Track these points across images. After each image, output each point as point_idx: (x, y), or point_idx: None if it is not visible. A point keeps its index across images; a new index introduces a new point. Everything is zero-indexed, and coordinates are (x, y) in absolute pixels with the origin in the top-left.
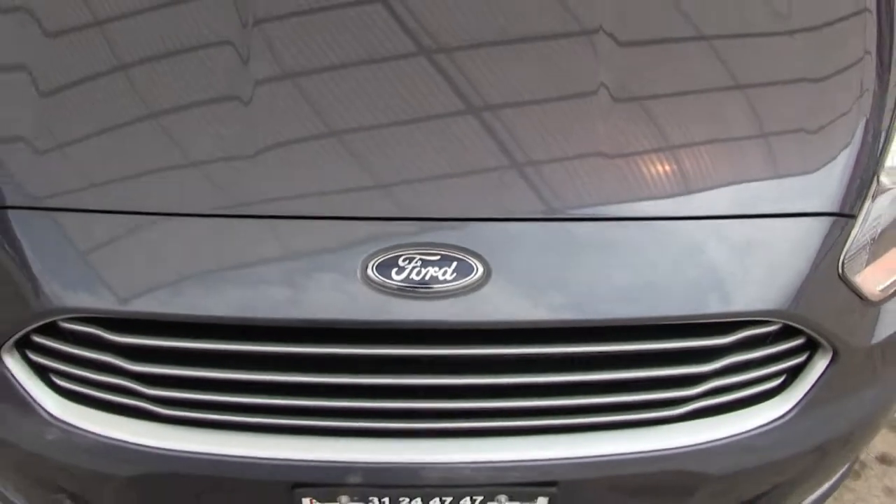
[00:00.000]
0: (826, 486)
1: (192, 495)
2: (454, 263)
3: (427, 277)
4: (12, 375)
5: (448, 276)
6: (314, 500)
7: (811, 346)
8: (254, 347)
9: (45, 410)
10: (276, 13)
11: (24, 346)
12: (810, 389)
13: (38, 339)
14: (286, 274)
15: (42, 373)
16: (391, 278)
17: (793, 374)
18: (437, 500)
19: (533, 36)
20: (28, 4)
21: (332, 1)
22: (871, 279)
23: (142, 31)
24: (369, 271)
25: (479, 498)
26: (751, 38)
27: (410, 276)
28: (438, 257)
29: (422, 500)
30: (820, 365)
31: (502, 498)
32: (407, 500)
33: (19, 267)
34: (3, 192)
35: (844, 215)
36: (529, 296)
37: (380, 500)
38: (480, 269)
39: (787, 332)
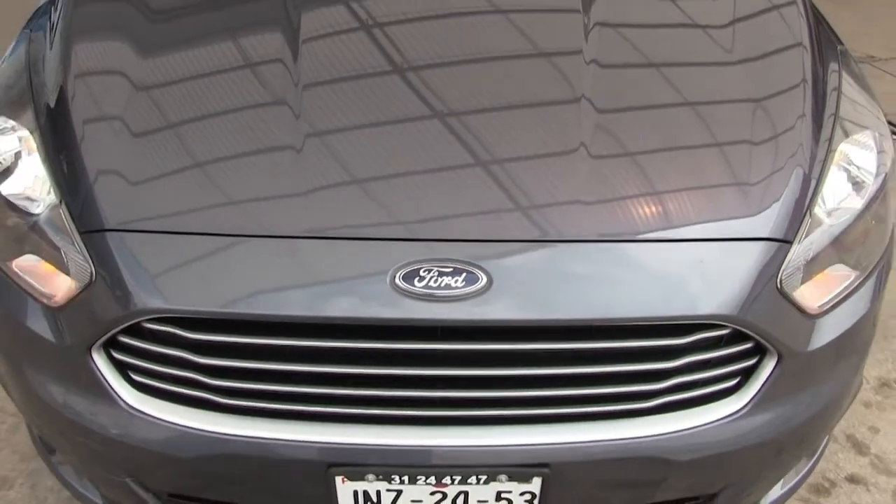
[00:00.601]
0: (787, 486)
1: (243, 475)
2: (463, 274)
3: (442, 285)
4: (99, 371)
5: (458, 284)
6: (346, 479)
7: (760, 351)
8: (303, 343)
9: (124, 401)
10: (319, 80)
11: (108, 345)
12: (760, 388)
13: (123, 338)
14: (332, 281)
15: (121, 369)
16: (414, 285)
17: (746, 376)
18: (447, 478)
19: (529, 103)
20: (124, 68)
21: (363, 71)
22: (809, 296)
23: (216, 88)
24: (397, 280)
25: (484, 477)
26: (708, 106)
27: (429, 284)
28: (451, 269)
29: (435, 478)
30: (768, 367)
31: (503, 477)
32: (423, 478)
33: (114, 278)
34: (102, 217)
35: (782, 241)
36: (522, 300)
37: (400, 478)
38: (484, 279)
39: (738, 337)
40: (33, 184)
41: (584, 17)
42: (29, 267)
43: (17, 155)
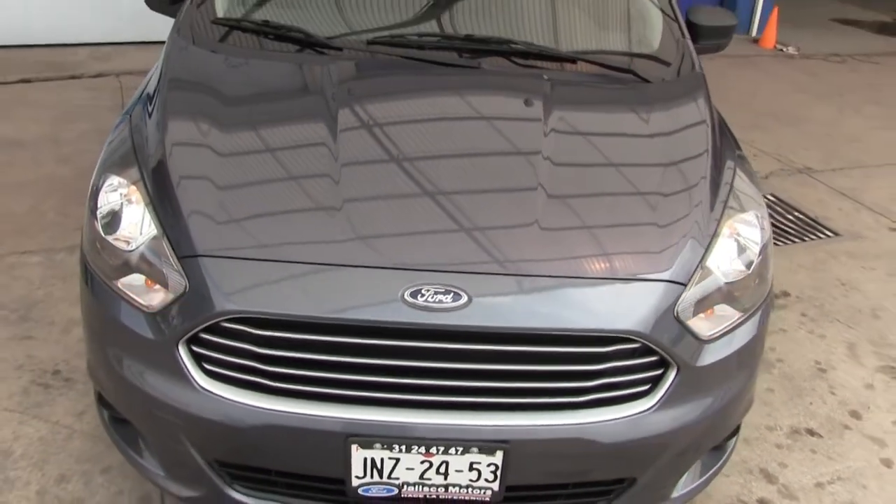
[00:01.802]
0: (695, 483)
1: (283, 441)
2: (451, 294)
3: (436, 301)
4: (182, 360)
5: (448, 300)
6: (359, 447)
7: (665, 365)
8: (336, 339)
9: (198, 384)
10: (352, 160)
11: (189, 342)
12: (665, 393)
13: (203, 335)
14: (360, 295)
15: (196, 360)
16: (417, 300)
17: (655, 383)
18: (434, 448)
19: (500, 188)
20: (207, 140)
21: (383, 157)
22: (701, 326)
23: (276, 159)
24: (405, 296)
25: (460, 448)
26: (632, 196)
27: (428, 300)
28: (443, 290)
29: (425, 448)
30: (670, 377)
31: (474, 450)
32: (415, 447)
33: (202, 289)
34: (196, 247)
35: (678, 283)
36: (492, 313)
37: (398, 448)
38: (465, 297)
39: (647, 352)
40: (129, 230)
41: (543, 126)
42: (133, 283)
43: (121, 206)
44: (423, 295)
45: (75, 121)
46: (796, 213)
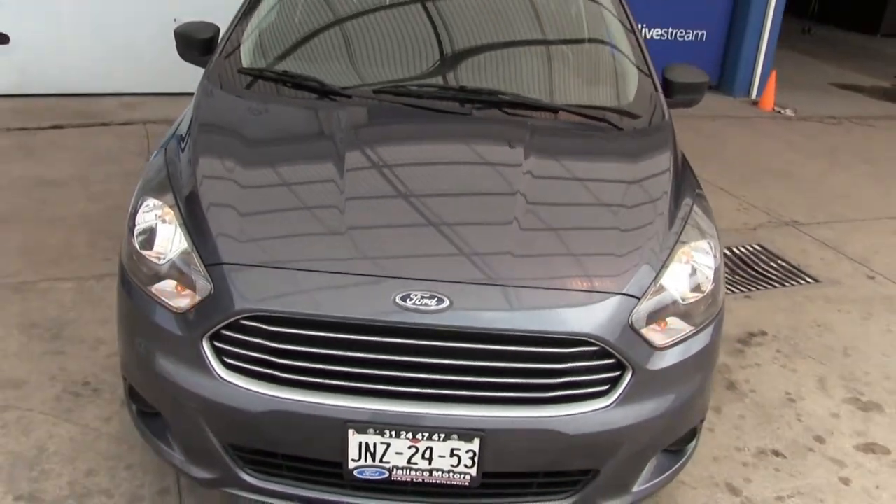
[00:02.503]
0: (656, 479)
1: (290, 425)
2: (435, 298)
3: (422, 304)
4: (205, 354)
5: (433, 304)
6: (355, 432)
7: (622, 367)
8: (337, 335)
9: (218, 375)
10: (356, 195)
11: (211, 338)
12: (622, 392)
13: (224, 331)
14: (359, 298)
15: (217, 354)
16: (406, 303)
17: (613, 383)
18: (420, 434)
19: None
20: (232, 174)
21: (384, 192)
22: (654, 335)
23: (290, 192)
24: (396, 300)
25: (442, 435)
26: (598, 206)
27: (416, 303)
28: (429, 294)
29: (412, 434)
30: (626, 378)
31: (455, 437)
32: (404, 433)
33: (225, 293)
34: (221, 257)
35: (632, 296)
36: (470, 315)
37: (389, 433)
38: (447, 301)
39: (605, 355)
40: (162, 245)
41: (522, 167)
42: (165, 288)
43: (156, 225)
44: (411, 299)
45: (104, 163)
46: (780, 262)
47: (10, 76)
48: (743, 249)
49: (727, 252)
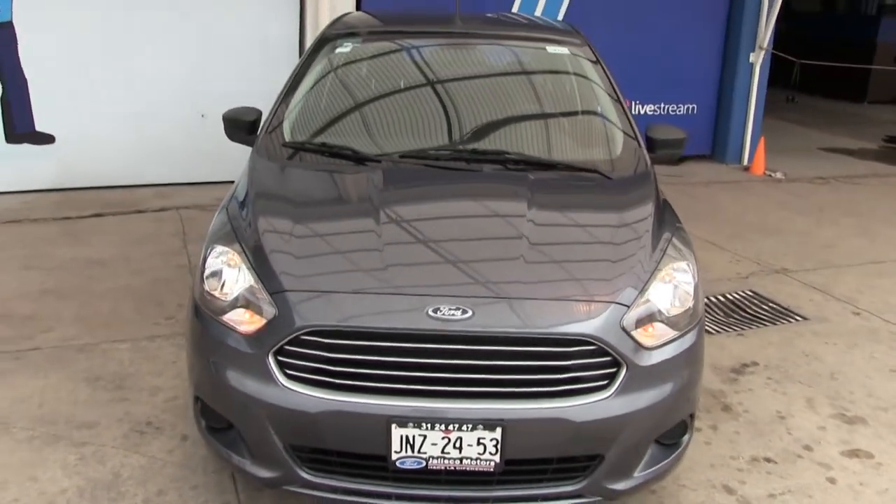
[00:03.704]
0: (655, 467)
1: (342, 422)
2: (460, 309)
3: (450, 314)
4: (271, 367)
5: (458, 314)
6: (397, 426)
7: (618, 364)
8: (381, 344)
9: (282, 384)
10: (391, 241)
11: (276, 353)
12: (618, 385)
13: (287, 346)
14: (399, 313)
15: (280, 366)
16: (436, 315)
17: (611, 378)
18: (451, 425)
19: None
20: (286, 228)
21: (413, 239)
22: (644, 337)
23: (337, 241)
24: (429, 312)
25: (470, 426)
26: (591, 243)
27: (444, 314)
28: (455, 307)
29: (444, 426)
30: (622, 373)
31: (480, 427)
32: (438, 426)
33: (288, 315)
34: (283, 284)
35: (623, 304)
36: (490, 322)
37: (425, 425)
38: (471, 312)
39: (603, 353)
40: (228, 286)
41: (526, 214)
42: (234, 318)
43: (222, 268)
44: (441, 311)
45: (143, 244)
46: (771, 304)
47: (54, 172)
48: (736, 295)
49: (720, 298)
